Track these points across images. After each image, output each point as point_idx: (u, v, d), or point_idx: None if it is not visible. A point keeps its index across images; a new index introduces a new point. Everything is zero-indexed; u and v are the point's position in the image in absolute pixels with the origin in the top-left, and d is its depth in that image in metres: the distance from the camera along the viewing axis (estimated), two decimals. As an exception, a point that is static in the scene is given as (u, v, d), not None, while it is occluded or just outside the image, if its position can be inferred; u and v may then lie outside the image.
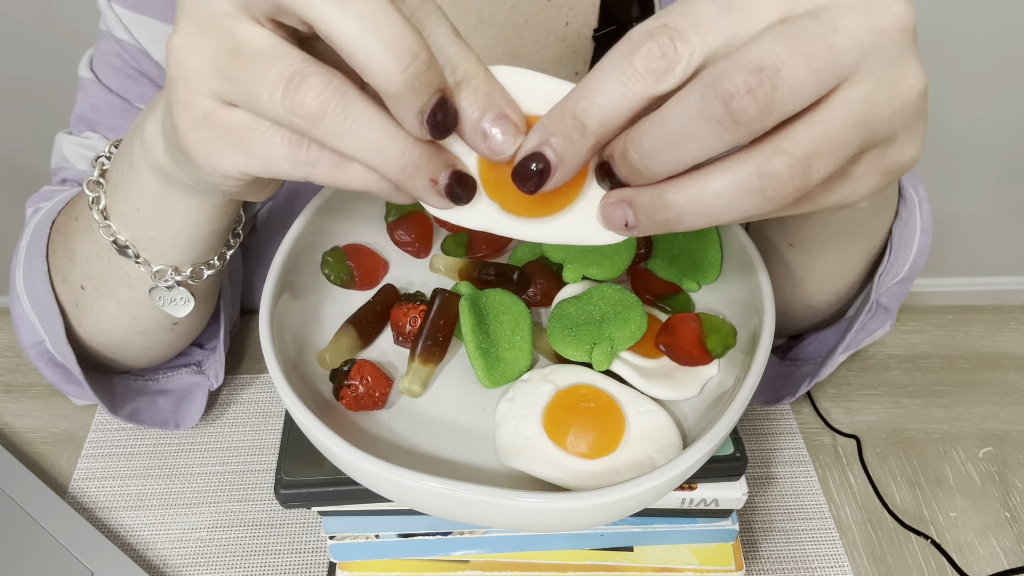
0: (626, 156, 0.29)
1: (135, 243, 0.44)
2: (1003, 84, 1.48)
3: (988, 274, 1.81)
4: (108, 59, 0.58)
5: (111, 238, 0.44)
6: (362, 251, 0.47)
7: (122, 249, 0.44)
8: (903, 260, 0.50)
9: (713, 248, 0.46)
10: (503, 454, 0.38)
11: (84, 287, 0.49)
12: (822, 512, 0.54)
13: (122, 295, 0.48)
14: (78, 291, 0.49)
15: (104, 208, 0.44)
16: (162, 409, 0.57)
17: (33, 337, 0.51)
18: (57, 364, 0.52)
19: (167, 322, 0.51)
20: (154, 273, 0.45)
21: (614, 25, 0.64)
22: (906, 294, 0.53)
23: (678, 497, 0.41)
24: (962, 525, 0.54)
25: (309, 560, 0.51)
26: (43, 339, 0.51)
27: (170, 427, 0.56)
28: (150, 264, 0.45)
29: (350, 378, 0.39)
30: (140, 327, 0.50)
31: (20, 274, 0.51)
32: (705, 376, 0.42)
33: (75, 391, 0.54)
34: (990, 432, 0.59)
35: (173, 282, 0.46)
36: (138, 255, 0.45)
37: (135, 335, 0.51)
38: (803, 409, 0.60)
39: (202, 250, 0.45)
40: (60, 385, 0.53)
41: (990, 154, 1.59)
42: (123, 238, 0.44)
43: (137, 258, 0.45)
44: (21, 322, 0.51)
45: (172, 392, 0.58)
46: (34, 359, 0.52)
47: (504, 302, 0.43)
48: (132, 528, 0.52)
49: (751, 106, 0.25)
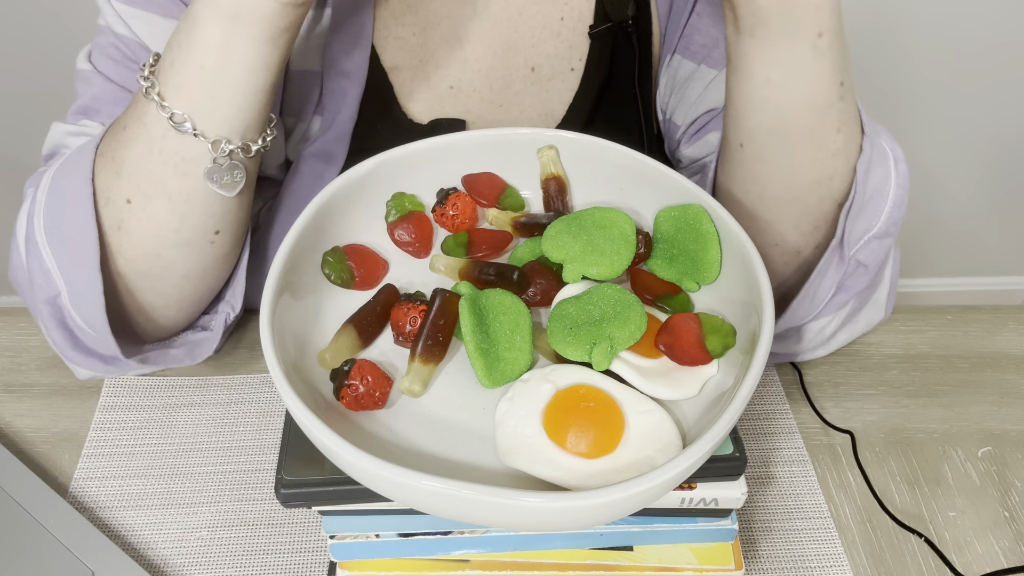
0: None
1: (193, 113, 0.48)
2: (1003, 84, 1.48)
3: (987, 274, 1.81)
4: (107, 52, 0.59)
5: (167, 114, 0.48)
6: (362, 251, 0.47)
7: (179, 125, 0.48)
8: (877, 208, 0.51)
9: (713, 248, 0.46)
10: (503, 454, 0.38)
11: (131, 200, 0.51)
12: (821, 512, 0.54)
13: (174, 190, 0.51)
14: (123, 208, 0.51)
15: (159, 92, 0.49)
16: (174, 357, 0.59)
17: (49, 291, 0.52)
18: (66, 327, 0.53)
19: (211, 226, 0.53)
20: (211, 143, 0.49)
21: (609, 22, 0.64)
22: (885, 256, 0.54)
23: (678, 496, 0.41)
24: (961, 525, 0.54)
25: (309, 560, 0.51)
26: (59, 292, 0.52)
27: (184, 363, 0.58)
28: (207, 136, 0.49)
29: (350, 378, 0.39)
30: (185, 235, 0.52)
31: (40, 219, 0.52)
32: (705, 376, 0.42)
33: (80, 358, 0.55)
34: (989, 432, 0.59)
35: (227, 152, 0.50)
36: (195, 128, 0.49)
37: (180, 247, 0.53)
38: (802, 409, 0.60)
39: (253, 113, 0.50)
40: (66, 351, 0.54)
41: (989, 154, 1.59)
42: (180, 112, 0.48)
43: (195, 131, 0.49)
44: (38, 274, 0.52)
45: (184, 343, 0.60)
46: (45, 318, 0.53)
47: (504, 302, 0.43)
48: (133, 528, 0.53)
49: None
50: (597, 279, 0.45)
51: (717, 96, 0.65)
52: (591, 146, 0.51)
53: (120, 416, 0.59)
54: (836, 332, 0.58)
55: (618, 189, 0.51)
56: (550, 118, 0.68)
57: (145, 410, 0.59)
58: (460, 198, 0.49)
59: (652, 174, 0.49)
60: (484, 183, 0.51)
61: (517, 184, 0.52)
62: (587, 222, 0.46)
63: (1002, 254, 1.77)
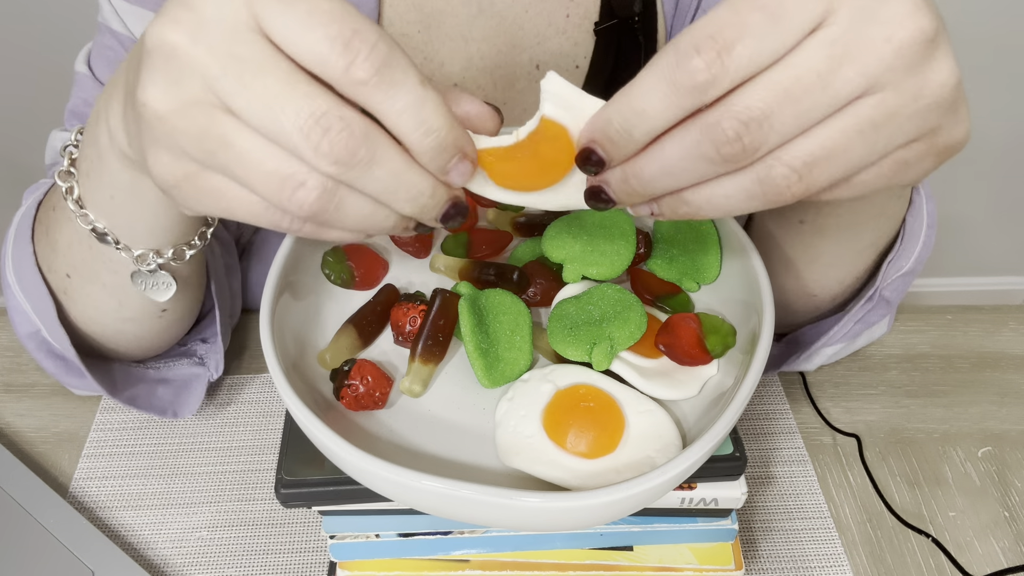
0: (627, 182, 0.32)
1: (113, 230, 0.45)
2: (1003, 84, 1.48)
3: (987, 274, 1.81)
4: (104, 53, 0.58)
5: (89, 227, 0.44)
6: (362, 251, 0.47)
7: (101, 236, 0.45)
8: (910, 251, 0.51)
9: (713, 248, 0.46)
10: (503, 454, 0.38)
11: (70, 275, 0.49)
12: (821, 511, 0.54)
13: (107, 280, 0.48)
14: (64, 279, 0.50)
15: (78, 198, 0.44)
16: (161, 398, 0.56)
17: (29, 327, 0.51)
18: (56, 355, 0.52)
19: (155, 308, 0.51)
20: (136, 258, 0.46)
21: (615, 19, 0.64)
22: (907, 289, 0.54)
23: (678, 496, 0.41)
24: (961, 525, 0.54)
25: (309, 560, 0.51)
26: (39, 328, 0.51)
27: (168, 415, 0.56)
28: (131, 249, 0.45)
29: (350, 378, 0.39)
30: (128, 313, 0.51)
31: (10, 264, 0.51)
32: (705, 376, 0.42)
33: (76, 382, 0.54)
34: (989, 432, 0.59)
35: (155, 265, 0.46)
36: (118, 241, 0.45)
37: (124, 322, 0.51)
38: (803, 409, 0.60)
39: (181, 231, 0.46)
40: (60, 377, 0.53)
41: (990, 154, 1.59)
42: (101, 226, 0.44)
43: (117, 244, 0.45)
44: (16, 313, 0.51)
45: (172, 382, 0.58)
46: (33, 351, 0.52)
47: (504, 302, 0.43)
48: (133, 527, 0.53)
49: (739, 150, 0.29)
50: (597, 279, 0.45)
51: None
52: (591, 146, 0.51)
53: (120, 416, 0.59)
54: (840, 352, 0.59)
55: (618, 189, 0.51)
56: None
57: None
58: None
59: (652, 174, 0.49)
60: (484, 183, 0.51)
61: (517, 184, 0.52)
62: (587, 222, 0.46)
63: (1002, 254, 1.77)
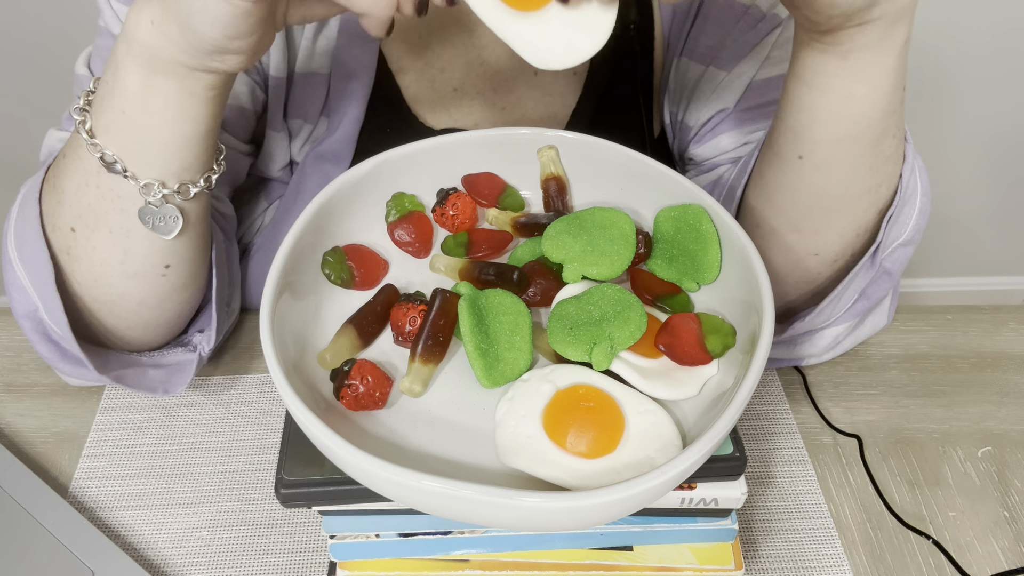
0: None
1: (122, 155, 0.46)
2: (1003, 84, 1.48)
3: (987, 274, 1.81)
4: (104, 55, 0.58)
5: (98, 154, 0.46)
6: (362, 251, 0.47)
7: (110, 165, 0.46)
8: (907, 217, 0.51)
9: (713, 248, 0.46)
10: (503, 454, 0.38)
11: (75, 228, 0.50)
12: (821, 511, 0.54)
13: (114, 223, 0.49)
14: (69, 235, 0.50)
15: (90, 128, 0.46)
16: (152, 378, 0.56)
17: (27, 305, 0.51)
18: (51, 340, 0.52)
19: (159, 263, 0.51)
20: (142, 187, 0.47)
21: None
22: (906, 261, 0.54)
23: (678, 496, 0.41)
24: (961, 525, 0.54)
25: (309, 560, 0.51)
26: (37, 306, 0.51)
27: (159, 393, 0.56)
28: (138, 178, 0.46)
29: (350, 378, 0.39)
30: (133, 267, 0.51)
31: (12, 236, 0.51)
32: (704, 376, 0.42)
33: (69, 369, 0.54)
34: (989, 432, 0.59)
35: (160, 196, 0.47)
36: (126, 169, 0.46)
37: (128, 279, 0.51)
38: (802, 409, 0.60)
39: (186, 159, 0.47)
40: (54, 362, 0.53)
41: (989, 154, 1.59)
42: (110, 152, 0.46)
43: (125, 172, 0.46)
44: (15, 289, 0.51)
45: (165, 366, 0.58)
46: (28, 332, 0.52)
47: (504, 302, 0.43)
48: (133, 527, 0.53)
49: None
50: (597, 279, 0.45)
51: (728, 96, 0.65)
52: (591, 146, 0.51)
53: (120, 416, 0.59)
54: (844, 338, 0.58)
55: (618, 189, 0.51)
56: (553, 121, 0.68)
57: (145, 410, 0.59)
58: (460, 198, 0.49)
59: (652, 174, 0.49)
60: (484, 183, 0.51)
61: (517, 184, 0.52)
62: (587, 222, 0.46)
63: (1002, 254, 1.77)
